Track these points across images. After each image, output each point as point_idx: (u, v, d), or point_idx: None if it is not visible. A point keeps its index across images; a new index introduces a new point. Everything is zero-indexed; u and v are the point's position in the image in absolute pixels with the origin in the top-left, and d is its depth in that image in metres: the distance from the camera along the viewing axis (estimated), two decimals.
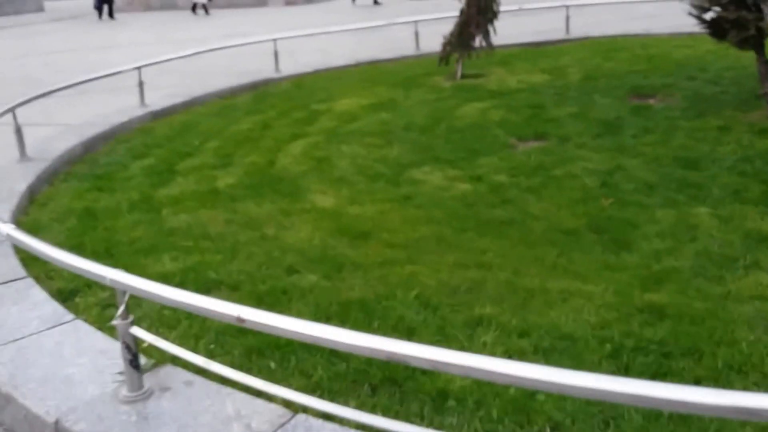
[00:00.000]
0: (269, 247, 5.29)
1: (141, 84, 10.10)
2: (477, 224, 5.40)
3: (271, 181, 6.83)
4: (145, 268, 5.08)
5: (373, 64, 12.49)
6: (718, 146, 6.52)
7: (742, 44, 7.09)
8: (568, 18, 13.49)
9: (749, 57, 9.63)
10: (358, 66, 12.43)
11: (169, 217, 6.11)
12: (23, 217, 6.35)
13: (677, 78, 9.33)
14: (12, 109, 7.72)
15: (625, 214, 5.29)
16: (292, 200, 6.26)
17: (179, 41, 18.35)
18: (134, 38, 20.54)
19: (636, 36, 12.79)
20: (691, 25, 7.94)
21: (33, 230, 5.94)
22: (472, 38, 10.42)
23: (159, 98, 10.44)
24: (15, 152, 7.67)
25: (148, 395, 3.33)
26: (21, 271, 4.93)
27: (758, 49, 7.16)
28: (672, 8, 15.01)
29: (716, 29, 7.29)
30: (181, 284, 4.67)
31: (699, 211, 5.18)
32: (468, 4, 10.27)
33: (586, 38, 13.02)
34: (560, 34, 13.43)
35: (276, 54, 12.01)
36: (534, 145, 7.31)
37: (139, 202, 6.53)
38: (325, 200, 6.20)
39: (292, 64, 12.41)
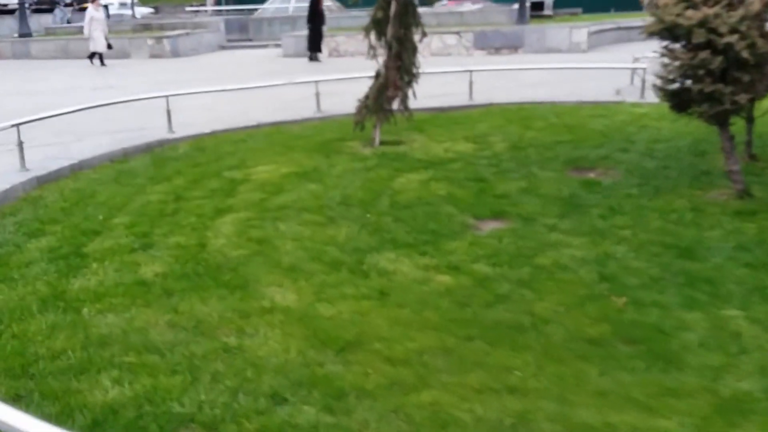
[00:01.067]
0: (237, 363, 4.28)
1: (21, 144, 8.71)
2: (482, 330, 4.61)
3: (208, 269, 5.77)
4: (82, 395, 3.94)
5: (276, 126, 11.56)
6: (703, 232, 6.10)
7: (712, 119, 6.78)
8: (471, 83, 13.13)
9: (671, 129, 9.60)
10: (259, 128, 11.46)
11: (94, 318, 4.94)
12: None
13: (609, 150, 9.05)
14: None
15: (648, 317, 4.67)
16: (243, 296, 5.24)
17: (39, 92, 16.68)
18: None
19: (541, 103, 12.59)
20: (594, 94, 7.63)
21: None
22: (390, 102, 9.76)
23: (40, 160, 9.05)
24: None
25: None
26: None
27: (724, 124, 6.88)
28: (562, 75, 15.25)
29: (680, 101, 6.95)
30: (138, 420, 3.62)
31: (730, 314, 4.64)
32: (386, 66, 9.62)
33: (490, 104, 12.68)
34: (464, 99, 13.03)
35: (169, 113, 10.85)
36: (497, 226, 6.65)
37: (50, 297, 5.29)
38: (284, 296, 5.22)
39: (184, 125, 11.25)
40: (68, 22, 33.44)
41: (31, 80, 20.17)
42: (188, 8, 43.35)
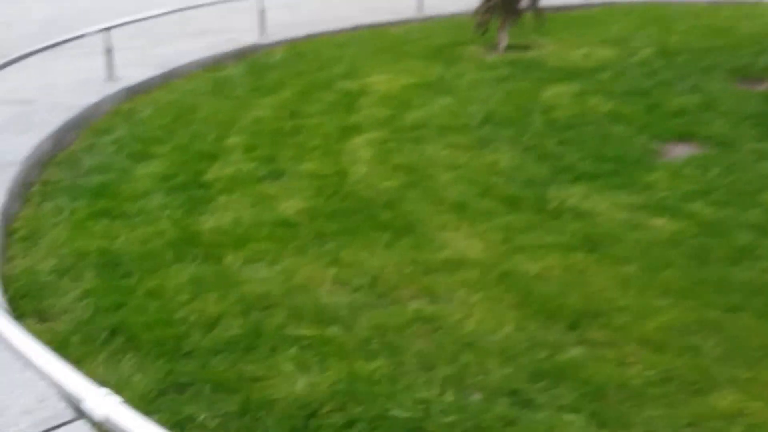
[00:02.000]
0: (445, 342, 3.34)
1: (109, 51, 7.72)
2: (744, 297, 3.59)
3: (359, 205, 4.80)
4: (261, 385, 3.06)
5: (375, 29, 10.38)
6: None
7: None
8: None
9: None
10: (357, 30, 10.29)
11: (242, 271, 4.03)
12: (7, 267, 4.14)
13: None
14: None
15: None
16: (414, 243, 4.27)
17: None
18: None
19: (670, 2, 11.16)
20: None
21: (33, 294, 3.82)
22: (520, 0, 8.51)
23: (123, 67, 8.05)
24: None
25: None
26: None
27: None
28: None
29: None
30: (349, 430, 2.74)
31: None
32: None
33: (613, 2, 11.29)
34: None
35: (262, 14, 9.71)
36: (690, 152, 5.55)
37: (181, 241, 4.38)
38: (468, 244, 4.24)
39: (273, 27, 10.09)
40: None
41: None
42: None
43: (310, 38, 9.87)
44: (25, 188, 5.26)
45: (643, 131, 5.91)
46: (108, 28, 7.64)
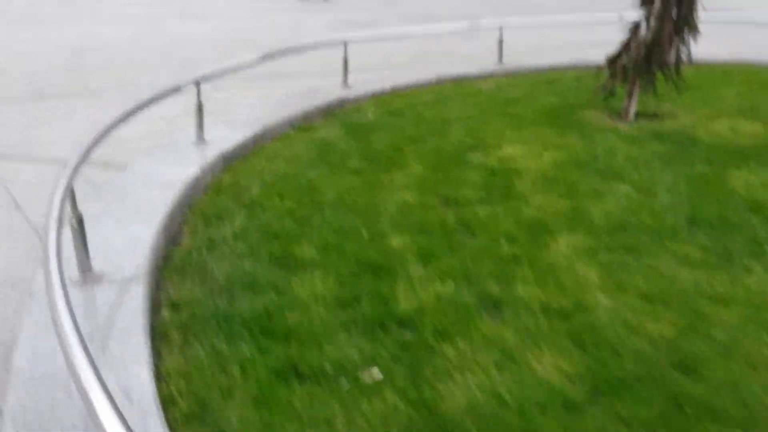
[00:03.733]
0: None
1: (200, 108, 6.09)
2: None
3: (646, 371, 3.27)
4: None
5: (459, 82, 8.92)
6: None
7: None
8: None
9: None
10: (441, 83, 8.82)
11: None
12: None
13: None
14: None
15: None
16: None
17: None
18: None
19: (751, 63, 9.90)
20: None
21: None
22: (662, 62, 7.10)
23: (208, 125, 6.42)
24: None
25: None
26: None
27: None
28: None
29: None
30: None
31: None
32: (659, 15, 6.91)
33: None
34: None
35: (346, 62, 8.17)
36: None
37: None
38: None
39: (339, 68, 8.54)
40: None
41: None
42: None
43: (395, 92, 8.35)
44: (154, 315, 3.64)
45: None
46: (200, 81, 6.01)
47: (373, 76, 8.78)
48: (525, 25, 9.85)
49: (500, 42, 9.45)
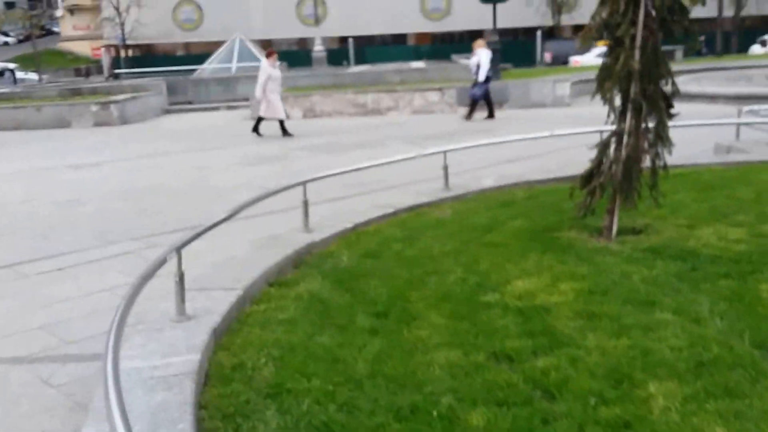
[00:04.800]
0: None
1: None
2: None
3: None
4: None
5: (415, 211, 8.42)
6: None
7: None
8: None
9: None
10: (398, 216, 8.26)
11: None
12: None
13: None
14: None
15: None
16: None
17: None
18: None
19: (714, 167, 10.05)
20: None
21: None
22: (638, 177, 6.88)
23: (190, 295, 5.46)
24: None
25: None
26: None
27: None
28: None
29: None
30: None
31: None
32: (631, 131, 6.71)
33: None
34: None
35: (306, 204, 7.46)
36: None
37: None
38: None
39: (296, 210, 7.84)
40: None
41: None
42: (115, 71, 38.60)
43: (359, 230, 7.69)
44: None
45: None
46: (180, 248, 5.11)
47: (326, 213, 8.11)
48: (467, 148, 9.58)
49: (445, 168, 9.10)
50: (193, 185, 11.39)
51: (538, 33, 44.17)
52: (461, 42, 44.65)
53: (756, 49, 41.35)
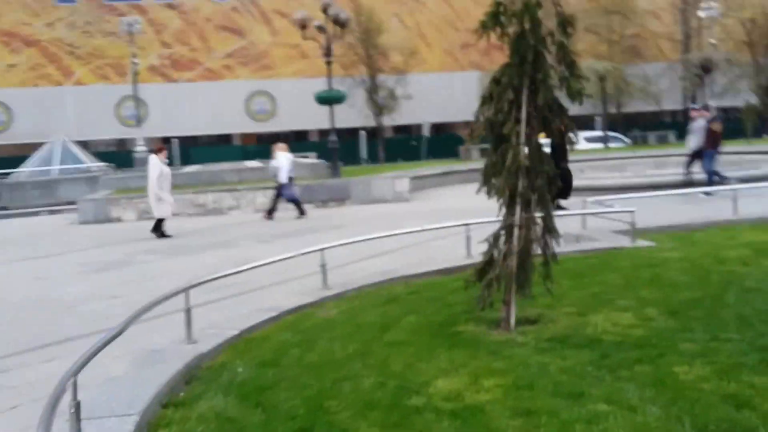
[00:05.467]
0: None
1: None
2: None
3: None
4: None
5: (302, 313, 7.96)
6: None
7: None
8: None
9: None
10: (283, 319, 7.75)
11: None
12: None
13: None
14: None
15: None
16: None
17: None
18: None
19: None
20: None
21: None
22: (531, 268, 6.93)
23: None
24: None
25: None
26: None
27: None
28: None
29: None
30: None
31: None
32: (522, 225, 6.81)
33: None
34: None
35: (189, 314, 6.77)
36: None
37: None
38: None
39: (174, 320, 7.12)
40: None
41: None
42: None
43: (246, 336, 7.10)
44: None
45: None
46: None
47: (206, 319, 7.45)
48: (344, 244, 9.32)
49: (323, 266, 8.76)
50: (35, 298, 10.14)
51: (362, 133, 45.67)
52: (287, 142, 45.18)
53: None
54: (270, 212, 18.30)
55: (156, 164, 15.66)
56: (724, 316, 6.83)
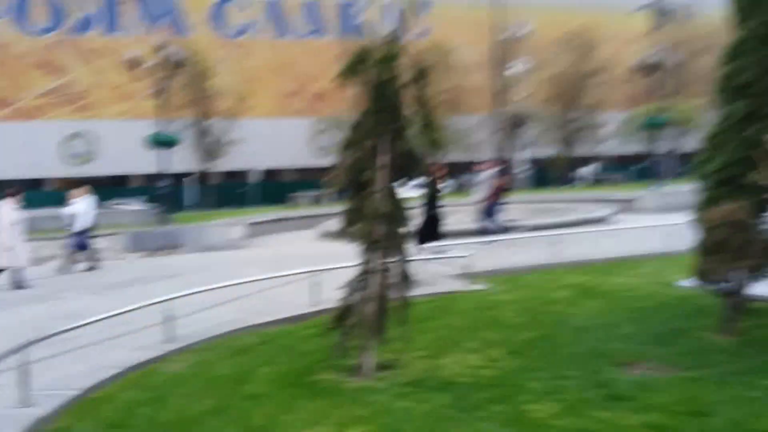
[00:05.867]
0: None
1: None
2: None
3: None
4: None
5: (150, 367, 7.53)
6: None
7: None
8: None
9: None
10: (123, 377, 7.28)
11: None
12: None
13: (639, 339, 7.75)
14: None
15: None
16: None
17: None
18: None
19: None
20: None
21: None
22: (387, 314, 7.04)
23: None
24: None
25: None
26: None
27: None
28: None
29: None
30: None
31: None
32: (382, 272, 6.92)
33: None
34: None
35: (26, 373, 6.17)
36: None
37: None
38: None
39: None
40: None
41: None
42: None
43: (88, 397, 6.59)
44: None
45: None
46: None
47: (41, 379, 6.82)
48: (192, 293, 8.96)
49: (169, 318, 8.37)
50: None
51: (189, 178, 44.48)
52: (107, 186, 42.95)
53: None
54: (92, 260, 17.17)
55: (9, 211, 14.28)
56: (560, 355, 7.31)
